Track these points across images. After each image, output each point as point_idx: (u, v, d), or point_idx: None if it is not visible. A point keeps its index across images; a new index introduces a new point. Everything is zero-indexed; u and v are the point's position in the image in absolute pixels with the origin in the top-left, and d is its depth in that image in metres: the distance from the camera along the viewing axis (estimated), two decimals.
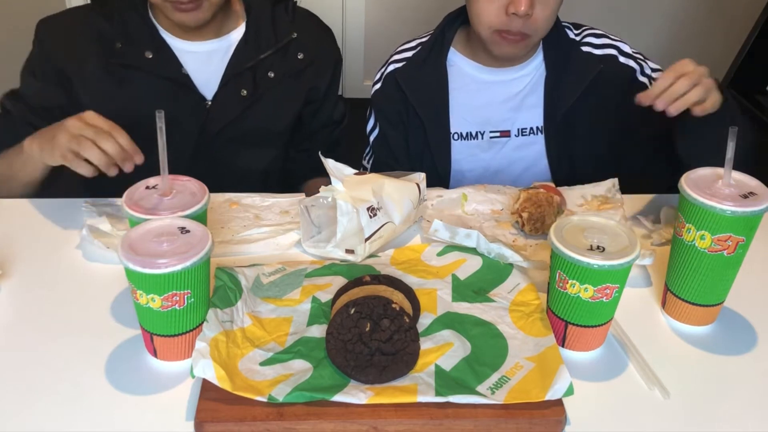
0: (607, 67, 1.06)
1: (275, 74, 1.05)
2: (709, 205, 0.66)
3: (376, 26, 2.76)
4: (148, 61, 0.99)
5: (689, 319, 0.74)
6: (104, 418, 0.61)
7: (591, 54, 1.07)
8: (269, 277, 0.77)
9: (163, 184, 0.72)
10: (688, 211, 0.69)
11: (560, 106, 1.07)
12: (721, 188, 0.68)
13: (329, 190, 0.81)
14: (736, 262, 0.70)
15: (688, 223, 0.69)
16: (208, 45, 1.03)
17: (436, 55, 1.09)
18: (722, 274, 0.71)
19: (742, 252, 0.69)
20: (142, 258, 0.61)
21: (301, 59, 1.07)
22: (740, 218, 0.66)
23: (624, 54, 1.08)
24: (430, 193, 0.94)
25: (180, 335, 0.65)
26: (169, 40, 1.01)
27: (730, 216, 0.66)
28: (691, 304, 0.73)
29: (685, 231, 0.70)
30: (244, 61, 1.03)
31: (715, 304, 0.73)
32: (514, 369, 0.64)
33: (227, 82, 1.03)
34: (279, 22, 1.06)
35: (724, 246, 0.68)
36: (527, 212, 0.85)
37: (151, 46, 1.00)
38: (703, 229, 0.68)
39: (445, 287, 0.75)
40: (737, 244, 0.68)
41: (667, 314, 0.76)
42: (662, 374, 0.66)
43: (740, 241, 0.68)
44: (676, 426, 0.62)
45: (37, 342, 0.69)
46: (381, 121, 1.14)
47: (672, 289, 0.74)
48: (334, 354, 0.63)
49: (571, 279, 0.65)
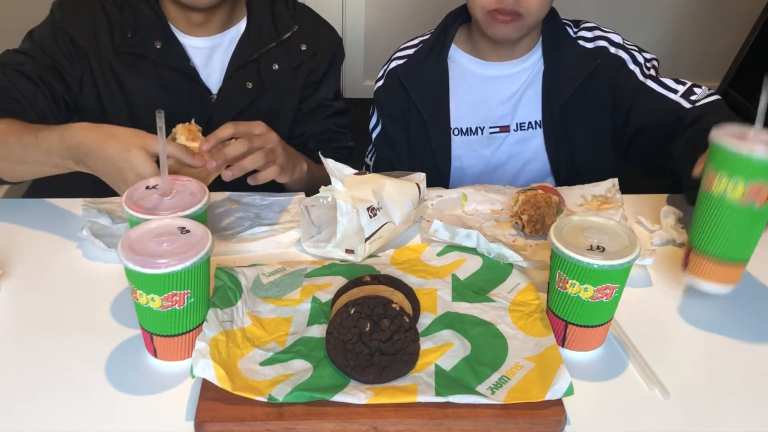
0: (600, 59, 1.07)
1: (279, 66, 1.06)
2: (745, 150, 0.65)
3: (375, 27, 2.76)
4: (157, 51, 1.01)
5: (714, 276, 0.72)
6: (104, 417, 0.61)
7: (584, 48, 1.08)
8: (269, 277, 0.77)
9: (163, 184, 0.72)
10: (720, 160, 0.67)
11: (557, 99, 1.08)
12: (754, 138, 0.67)
13: (329, 190, 0.81)
14: (765, 216, 0.68)
15: (720, 171, 0.67)
16: (211, 41, 1.05)
17: (437, 52, 1.11)
18: (751, 228, 0.69)
19: None
20: (142, 258, 0.61)
21: (304, 50, 1.08)
22: None
23: (614, 44, 1.08)
24: (430, 193, 0.94)
25: (180, 335, 0.65)
26: (176, 33, 1.03)
27: (765, 163, 0.64)
28: (717, 260, 0.71)
29: (716, 182, 0.68)
30: (247, 54, 1.05)
31: (740, 260, 0.71)
32: (514, 369, 0.64)
33: (231, 75, 1.05)
34: (280, 16, 1.07)
35: (756, 196, 0.66)
36: (527, 214, 0.85)
37: (160, 37, 1.01)
38: (736, 176, 0.66)
39: (445, 287, 0.76)
40: None
41: (694, 276, 0.73)
42: (662, 374, 0.66)
43: None
44: (676, 426, 0.62)
45: (38, 341, 0.69)
46: (383, 117, 1.15)
47: (697, 247, 0.72)
48: (334, 354, 0.63)
49: (571, 279, 0.65)
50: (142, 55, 1.01)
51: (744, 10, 2.54)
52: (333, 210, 0.81)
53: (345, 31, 2.76)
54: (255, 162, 0.82)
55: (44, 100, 0.96)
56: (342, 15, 2.75)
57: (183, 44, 1.03)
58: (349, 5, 2.73)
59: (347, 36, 2.77)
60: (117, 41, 1.00)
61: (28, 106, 0.94)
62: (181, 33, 1.03)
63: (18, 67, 0.95)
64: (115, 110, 1.02)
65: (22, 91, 0.94)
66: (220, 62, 1.05)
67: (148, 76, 1.01)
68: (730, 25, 2.69)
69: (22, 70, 0.95)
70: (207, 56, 1.05)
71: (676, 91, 1.03)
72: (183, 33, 1.03)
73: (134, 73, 1.01)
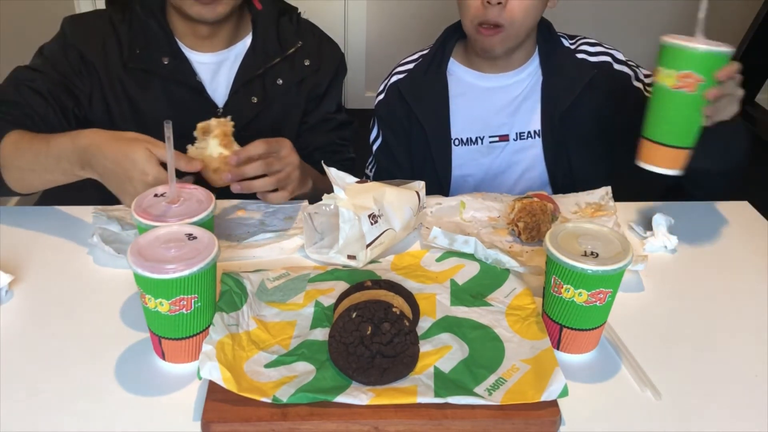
0: (602, 73, 1.09)
1: (284, 81, 1.08)
2: (676, 44, 0.79)
3: (377, 39, 2.79)
4: (164, 66, 1.03)
5: (661, 162, 0.84)
6: (114, 418, 0.62)
7: (585, 60, 1.11)
8: (274, 282, 0.78)
9: (171, 192, 0.74)
10: (661, 55, 0.82)
11: (556, 109, 1.10)
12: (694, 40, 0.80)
13: (332, 198, 0.83)
14: (697, 102, 0.80)
15: (660, 65, 0.81)
16: (217, 56, 1.07)
17: (437, 66, 1.13)
18: (686, 114, 0.81)
19: (700, 92, 0.79)
20: (151, 264, 0.62)
21: (307, 66, 1.10)
22: (699, 55, 0.78)
23: (618, 61, 1.11)
24: (430, 200, 0.96)
25: (187, 338, 0.67)
26: (183, 49, 1.05)
27: (691, 52, 0.78)
28: (661, 145, 0.82)
29: (658, 74, 0.82)
30: (252, 69, 1.07)
31: (681, 146, 0.83)
32: (510, 371, 0.65)
33: (237, 90, 1.06)
34: (284, 32, 1.09)
35: (685, 83, 0.79)
36: (523, 222, 0.87)
37: (168, 53, 1.03)
38: (670, 66, 0.80)
39: (443, 292, 0.77)
40: (697, 84, 0.79)
41: (644, 162, 0.85)
42: (654, 376, 0.68)
43: (700, 80, 0.79)
44: (667, 426, 0.64)
45: (49, 345, 0.71)
46: (384, 130, 1.17)
47: (645, 134, 0.84)
48: (336, 356, 0.65)
49: (565, 284, 0.67)
50: (150, 71, 1.03)
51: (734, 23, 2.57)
52: (335, 217, 0.83)
53: (347, 43, 2.79)
54: (264, 186, 0.86)
55: (54, 115, 0.98)
56: (344, 27, 2.78)
57: (190, 59, 1.05)
58: (351, 18, 2.76)
59: (349, 48, 2.79)
60: (126, 57, 1.02)
61: (39, 122, 0.96)
62: (188, 48, 1.05)
63: (30, 84, 0.97)
64: (123, 123, 1.04)
65: (33, 106, 0.96)
66: (226, 77, 1.07)
67: (156, 90, 1.03)
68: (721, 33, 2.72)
69: (33, 87, 0.97)
70: (213, 71, 1.07)
71: None
72: (190, 48, 1.05)
73: (142, 87, 1.03)
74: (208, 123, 0.84)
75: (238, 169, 0.83)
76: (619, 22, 2.77)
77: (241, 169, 0.83)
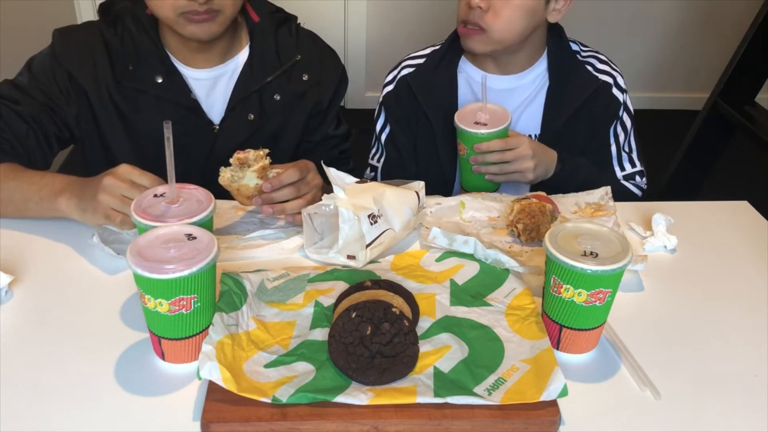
0: (601, 92, 1.11)
1: (281, 97, 1.05)
2: (459, 127, 0.99)
3: (377, 39, 2.79)
4: (158, 85, 1.00)
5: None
6: (114, 418, 0.63)
7: (590, 74, 1.12)
8: (273, 282, 0.79)
9: (170, 193, 0.74)
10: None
11: (557, 117, 1.10)
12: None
13: (331, 198, 0.83)
14: (466, 163, 1.01)
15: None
16: (213, 72, 1.04)
17: (448, 62, 1.14)
18: (468, 169, 1.02)
19: (467, 157, 1.01)
20: (151, 264, 0.63)
21: (306, 80, 1.07)
22: (461, 132, 1.00)
23: (617, 86, 1.13)
24: (429, 200, 0.96)
25: (187, 338, 0.67)
26: (177, 66, 1.02)
27: (460, 131, 1.00)
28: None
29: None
30: (249, 85, 1.04)
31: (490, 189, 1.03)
32: (510, 371, 0.66)
33: (234, 106, 1.04)
34: (283, 45, 1.06)
35: (461, 148, 1.01)
36: (522, 223, 0.87)
37: (161, 71, 1.00)
38: (461, 140, 1.01)
39: (443, 292, 0.77)
40: (465, 150, 1.00)
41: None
42: (653, 376, 0.68)
43: (465, 149, 1.00)
44: (667, 426, 0.64)
45: (49, 345, 0.71)
46: (391, 122, 1.18)
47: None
48: (336, 356, 0.65)
49: (565, 284, 0.67)
50: (143, 90, 1.00)
51: (734, 23, 2.57)
52: (335, 217, 0.83)
53: (347, 44, 2.79)
54: (294, 209, 0.87)
55: (35, 139, 0.96)
56: (344, 27, 2.78)
57: (184, 76, 1.01)
58: (351, 18, 2.76)
59: (349, 48, 2.79)
60: (118, 73, 0.99)
61: (18, 145, 0.95)
62: (182, 65, 1.02)
63: (12, 106, 0.96)
64: (116, 142, 1.02)
65: (13, 129, 0.95)
66: (222, 94, 1.04)
67: (149, 109, 1.00)
68: (720, 37, 2.72)
69: (15, 110, 0.96)
70: (209, 87, 1.04)
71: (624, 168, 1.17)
72: (184, 65, 1.02)
73: (135, 106, 1.00)
74: (246, 156, 0.84)
75: (270, 195, 0.85)
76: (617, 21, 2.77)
77: (272, 195, 0.85)
